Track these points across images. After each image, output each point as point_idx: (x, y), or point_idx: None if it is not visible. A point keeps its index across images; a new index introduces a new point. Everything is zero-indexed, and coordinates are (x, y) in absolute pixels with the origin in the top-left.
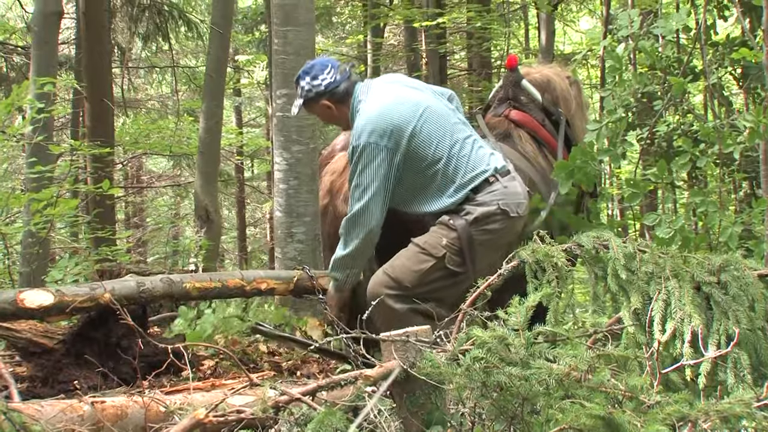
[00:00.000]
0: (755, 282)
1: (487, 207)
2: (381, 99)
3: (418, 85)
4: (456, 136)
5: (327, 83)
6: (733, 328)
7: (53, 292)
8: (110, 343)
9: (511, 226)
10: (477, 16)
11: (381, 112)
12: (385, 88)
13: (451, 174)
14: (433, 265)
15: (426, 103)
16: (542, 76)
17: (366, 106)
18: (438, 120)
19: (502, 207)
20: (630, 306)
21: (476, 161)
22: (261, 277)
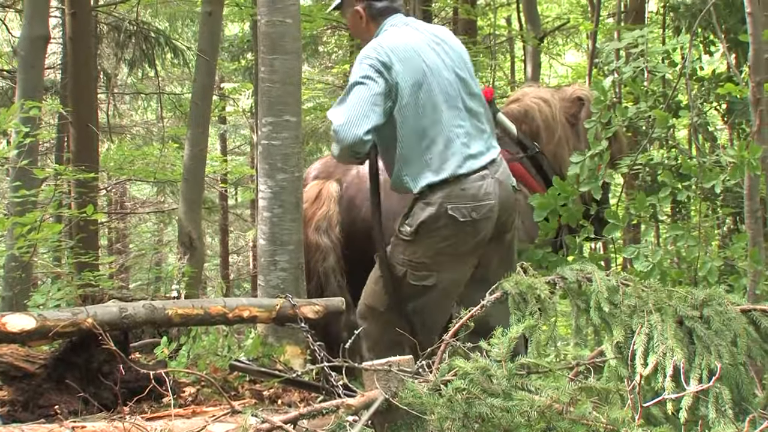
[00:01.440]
0: (738, 317)
1: (433, 208)
2: (407, 37)
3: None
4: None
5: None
6: (715, 363)
7: (35, 317)
8: (91, 368)
9: (468, 232)
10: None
11: (390, 46)
12: (417, 31)
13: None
14: (399, 283)
15: (439, 73)
16: (520, 107)
17: (390, 33)
18: (441, 94)
19: (449, 211)
20: (612, 339)
21: (449, 157)
22: (243, 304)
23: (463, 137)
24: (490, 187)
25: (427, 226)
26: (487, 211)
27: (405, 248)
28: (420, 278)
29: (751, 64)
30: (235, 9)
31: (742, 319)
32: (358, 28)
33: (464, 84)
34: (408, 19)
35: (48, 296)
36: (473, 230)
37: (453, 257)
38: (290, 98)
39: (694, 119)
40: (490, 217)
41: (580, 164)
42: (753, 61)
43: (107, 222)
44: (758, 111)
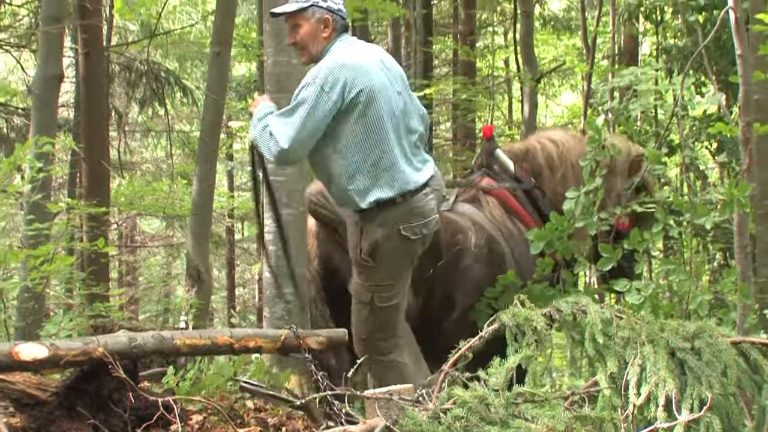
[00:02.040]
0: (728, 349)
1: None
2: (359, 56)
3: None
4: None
5: (340, 8)
6: (706, 393)
7: (48, 346)
8: (102, 396)
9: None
10: (463, 88)
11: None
12: (367, 51)
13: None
14: (370, 309)
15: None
16: (522, 146)
17: (344, 51)
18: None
19: (402, 231)
20: (606, 370)
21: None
22: (249, 335)
23: (408, 154)
24: (432, 201)
25: (381, 247)
26: (434, 225)
27: (368, 275)
28: (387, 299)
29: (741, 104)
30: (242, 50)
31: (732, 351)
32: (315, 35)
33: (405, 103)
34: (354, 38)
35: (60, 326)
36: (422, 244)
37: (409, 271)
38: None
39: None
40: (435, 228)
41: (575, 200)
42: (743, 101)
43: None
44: (748, 150)
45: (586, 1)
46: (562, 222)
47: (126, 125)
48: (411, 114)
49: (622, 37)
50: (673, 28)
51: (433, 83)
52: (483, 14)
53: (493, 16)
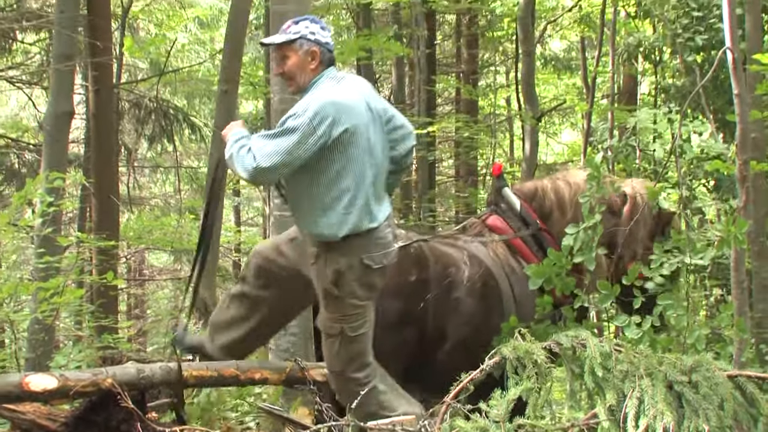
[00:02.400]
0: (725, 382)
1: (348, 259)
2: (346, 94)
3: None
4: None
5: (328, 42)
6: (703, 426)
7: (57, 377)
8: (110, 426)
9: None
10: (465, 126)
11: (337, 103)
12: (355, 89)
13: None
14: (340, 341)
15: (368, 132)
16: (533, 185)
17: (333, 88)
18: (367, 152)
19: (364, 260)
20: (605, 402)
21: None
22: (255, 367)
23: (378, 192)
24: (390, 234)
25: (344, 276)
26: (393, 256)
27: (335, 306)
28: (356, 329)
29: (738, 142)
30: (249, 88)
31: (728, 384)
32: (302, 67)
33: (383, 142)
34: (342, 73)
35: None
36: (382, 274)
37: (371, 300)
38: None
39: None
40: (393, 260)
41: (573, 236)
42: (740, 139)
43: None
44: (744, 187)
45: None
46: (560, 258)
47: (135, 161)
48: (386, 152)
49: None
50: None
51: (436, 121)
52: (485, 54)
53: (495, 56)
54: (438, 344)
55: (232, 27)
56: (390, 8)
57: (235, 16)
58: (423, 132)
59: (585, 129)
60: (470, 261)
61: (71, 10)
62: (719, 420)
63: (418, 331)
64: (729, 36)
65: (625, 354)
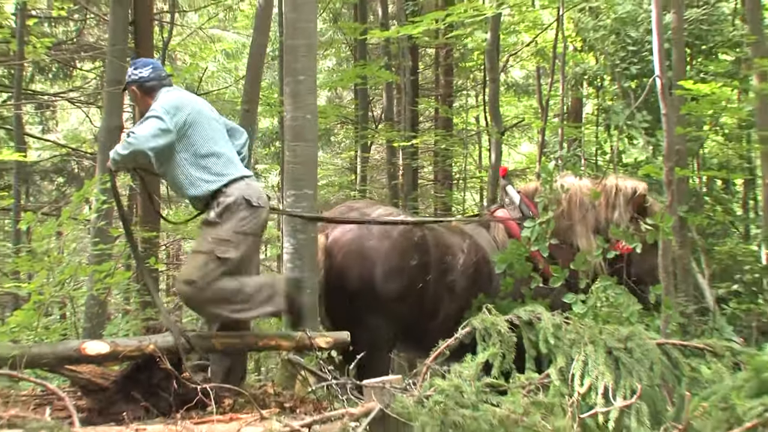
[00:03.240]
0: (654, 349)
1: (233, 197)
2: (177, 94)
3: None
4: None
5: (139, 76)
6: (636, 384)
7: (109, 343)
8: (152, 384)
9: (256, 214)
10: (442, 139)
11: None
12: (183, 93)
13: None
14: (206, 257)
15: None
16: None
17: (166, 95)
18: (211, 126)
19: (245, 197)
20: (557, 365)
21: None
22: (271, 335)
23: (234, 154)
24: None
25: (229, 209)
26: (265, 201)
27: (212, 231)
28: (224, 252)
29: (665, 153)
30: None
31: (657, 350)
32: (138, 102)
33: (221, 124)
34: (174, 87)
35: (119, 327)
36: (258, 214)
37: (245, 236)
38: (308, 176)
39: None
40: (266, 208)
41: (530, 228)
42: (666, 150)
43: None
44: (670, 189)
45: (541, 71)
46: (520, 247)
47: None
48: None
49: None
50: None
51: (419, 135)
52: (459, 80)
53: (467, 82)
54: (433, 317)
55: (252, 58)
56: (381, 43)
57: (255, 49)
58: (408, 144)
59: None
60: (467, 248)
61: (121, 43)
62: (650, 379)
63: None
64: (658, 66)
65: (572, 325)
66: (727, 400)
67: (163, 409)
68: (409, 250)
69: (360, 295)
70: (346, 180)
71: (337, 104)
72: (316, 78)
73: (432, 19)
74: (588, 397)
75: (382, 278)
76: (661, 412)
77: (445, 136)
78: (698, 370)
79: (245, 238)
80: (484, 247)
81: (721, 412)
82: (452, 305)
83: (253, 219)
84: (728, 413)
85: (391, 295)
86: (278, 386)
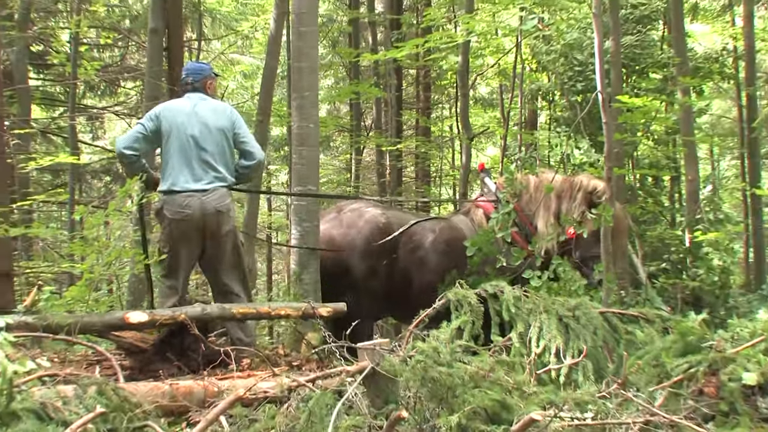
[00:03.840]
0: (597, 316)
1: (160, 205)
2: (169, 104)
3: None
4: (185, 154)
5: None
6: (582, 346)
7: (148, 313)
8: (183, 347)
9: (175, 224)
10: (421, 144)
11: (160, 108)
12: (176, 104)
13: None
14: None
15: (184, 124)
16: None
17: (170, 101)
18: (179, 139)
19: (163, 209)
20: (517, 330)
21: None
22: (281, 306)
23: (187, 171)
24: (192, 203)
25: (156, 215)
26: (184, 216)
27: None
28: (162, 246)
29: (605, 155)
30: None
31: (599, 318)
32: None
33: (197, 141)
34: (193, 95)
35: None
36: (177, 225)
37: (173, 239)
38: (312, 175)
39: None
40: (186, 220)
41: (495, 218)
42: (607, 153)
43: None
44: (609, 185)
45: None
46: (488, 233)
47: None
48: (206, 149)
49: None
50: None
51: (403, 141)
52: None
53: (442, 97)
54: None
55: (265, 77)
56: (371, 65)
57: (267, 70)
58: (394, 148)
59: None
60: (440, 230)
61: (157, 66)
62: (593, 342)
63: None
64: (599, 83)
65: (530, 297)
66: (657, 359)
67: (192, 367)
68: (373, 234)
69: (336, 276)
70: (342, 178)
71: (336, 115)
72: (317, 94)
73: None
74: (543, 356)
75: (353, 260)
76: (603, 368)
77: (424, 141)
78: (634, 334)
79: (167, 241)
80: (461, 228)
81: (653, 369)
82: (425, 277)
83: (168, 226)
84: (659, 369)
85: (361, 274)
86: (287, 348)
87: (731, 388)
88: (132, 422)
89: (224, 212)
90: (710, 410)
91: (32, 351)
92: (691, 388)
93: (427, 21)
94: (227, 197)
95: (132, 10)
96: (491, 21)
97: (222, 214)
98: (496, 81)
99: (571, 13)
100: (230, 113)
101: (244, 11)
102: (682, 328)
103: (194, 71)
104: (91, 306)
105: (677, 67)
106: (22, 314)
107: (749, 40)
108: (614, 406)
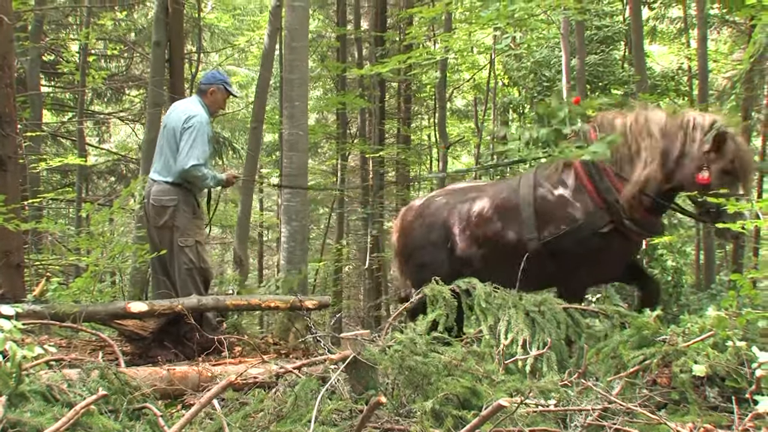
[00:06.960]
0: (561, 312)
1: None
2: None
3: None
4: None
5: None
6: (547, 338)
7: (147, 304)
8: (180, 335)
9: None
10: (402, 151)
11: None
12: (176, 105)
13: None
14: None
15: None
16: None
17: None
18: (161, 134)
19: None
20: (487, 323)
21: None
22: (271, 298)
23: (155, 160)
24: (146, 190)
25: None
26: (144, 200)
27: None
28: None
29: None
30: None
31: (563, 313)
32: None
33: (163, 135)
34: (193, 96)
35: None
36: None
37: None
38: (301, 178)
39: None
40: (143, 204)
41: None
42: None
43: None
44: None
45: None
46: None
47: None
48: (171, 146)
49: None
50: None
51: (385, 148)
52: (415, 107)
53: (422, 108)
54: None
55: (259, 88)
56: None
57: (261, 81)
58: (376, 154)
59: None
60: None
61: (159, 75)
62: (558, 335)
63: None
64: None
65: (500, 293)
66: (615, 351)
67: (188, 354)
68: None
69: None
70: (329, 181)
71: (323, 123)
72: (307, 103)
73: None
74: (511, 347)
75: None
76: (566, 359)
77: (404, 149)
78: (593, 328)
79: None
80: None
81: (611, 360)
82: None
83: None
84: (616, 361)
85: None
86: (276, 337)
87: (682, 379)
88: (132, 404)
89: (157, 206)
90: (663, 399)
91: (40, 337)
92: (646, 378)
93: (409, 38)
94: (168, 193)
95: (137, 23)
96: (467, 39)
97: (155, 207)
98: (471, 94)
99: (541, 33)
100: (186, 116)
101: (241, 27)
102: (638, 323)
103: (207, 77)
104: (96, 296)
105: (637, 84)
106: (32, 303)
107: (702, 60)
108: (575, 394)
